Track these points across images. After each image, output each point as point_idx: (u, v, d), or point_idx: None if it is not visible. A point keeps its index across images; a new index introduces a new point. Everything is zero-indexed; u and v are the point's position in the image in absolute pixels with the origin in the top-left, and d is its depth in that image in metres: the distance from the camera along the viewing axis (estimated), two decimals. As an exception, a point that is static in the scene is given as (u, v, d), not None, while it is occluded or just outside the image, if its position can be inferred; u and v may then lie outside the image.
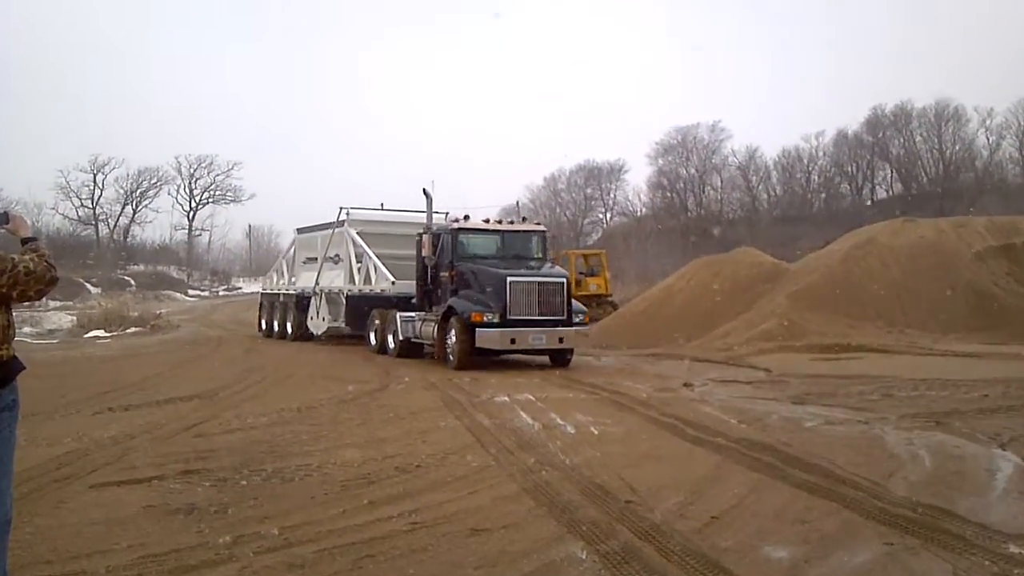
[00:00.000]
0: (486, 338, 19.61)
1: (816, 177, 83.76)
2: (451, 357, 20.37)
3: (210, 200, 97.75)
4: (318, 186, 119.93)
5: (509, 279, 19.83)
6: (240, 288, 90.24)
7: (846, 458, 10.25)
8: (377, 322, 24.33)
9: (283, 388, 17.93)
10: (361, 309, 25.47)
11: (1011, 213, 36.12)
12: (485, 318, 19.65)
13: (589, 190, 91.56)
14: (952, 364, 19.58)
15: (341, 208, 27.44)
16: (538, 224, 23.00)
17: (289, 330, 30.26)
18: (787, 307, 25.58)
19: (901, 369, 18.45)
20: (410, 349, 22.66)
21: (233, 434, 12.44)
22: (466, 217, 21.92)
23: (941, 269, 27.09)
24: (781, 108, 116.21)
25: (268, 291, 33.61)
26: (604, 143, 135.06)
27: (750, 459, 10.33)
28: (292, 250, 32.43)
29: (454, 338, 20.24)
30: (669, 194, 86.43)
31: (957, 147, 76.85)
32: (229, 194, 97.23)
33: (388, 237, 26.18)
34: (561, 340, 20.00)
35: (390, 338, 23.40)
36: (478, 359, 20.34)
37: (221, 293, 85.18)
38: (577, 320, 20.35)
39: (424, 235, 21.91)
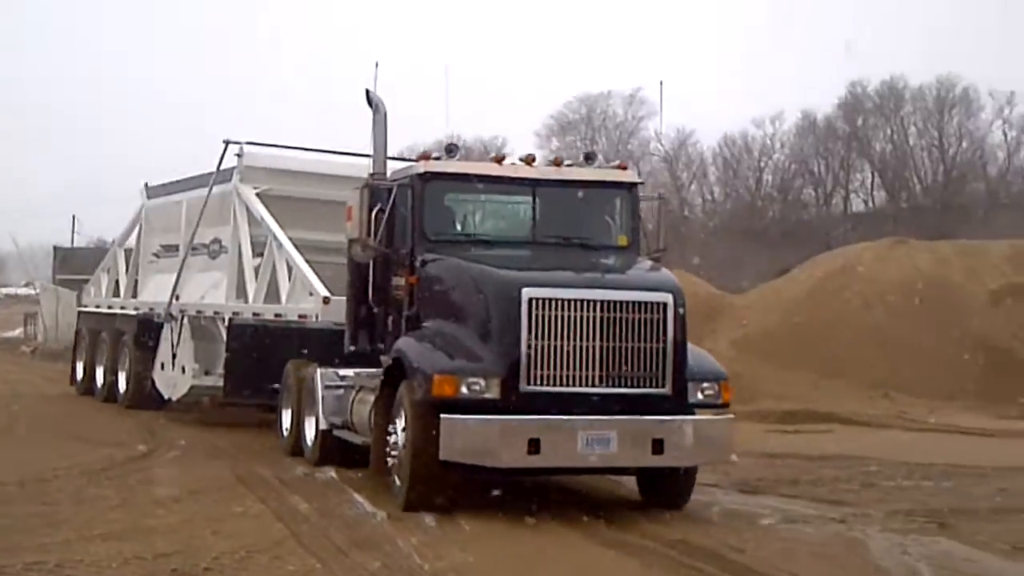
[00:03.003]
0: (463, 439, 12.60)
1: (770, 177, 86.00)
2: (396, 479, 13.53)
3: None
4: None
5: (527, 293, 12.87)
6: None
7: (817, 570, 10.58)
8: (293, 387, 17.66)
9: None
10: (257, 353, 19.11)
11: (1036, 237, 37.56)
12: (464, 388, 12.73)
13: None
14: (957, 444, 20.39)
15: (227, 144, 21.22)
16: (619, 167, 16.18)
17: (122, 385, 24.19)
18: (730, 358, 26.15)
19: (887, 449, 19.11)
20: (342, 451, 16.18)
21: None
22: (449, 150, 15.12)
23: (943, 313, 28.21)
24: (726, 78, 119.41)
25: (89, 309, 28.02)
26: (475, 114, 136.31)
27: (685, 569, 10.54)
28: (138, 230, 26.25)
29: (401, 434, 13.44)
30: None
31: (964, 144, 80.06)
32: None
33: (318, 207, 19.97)
34: (659, 446, 12.90)
35: (308, 423, 17.00)
36: (464, 486, 13.38)
37: None
38: (703, 396, 13.55)
39: (361, 190, 15.06)
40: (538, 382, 12.73)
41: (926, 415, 24.21)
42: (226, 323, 20.21)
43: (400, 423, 13.39)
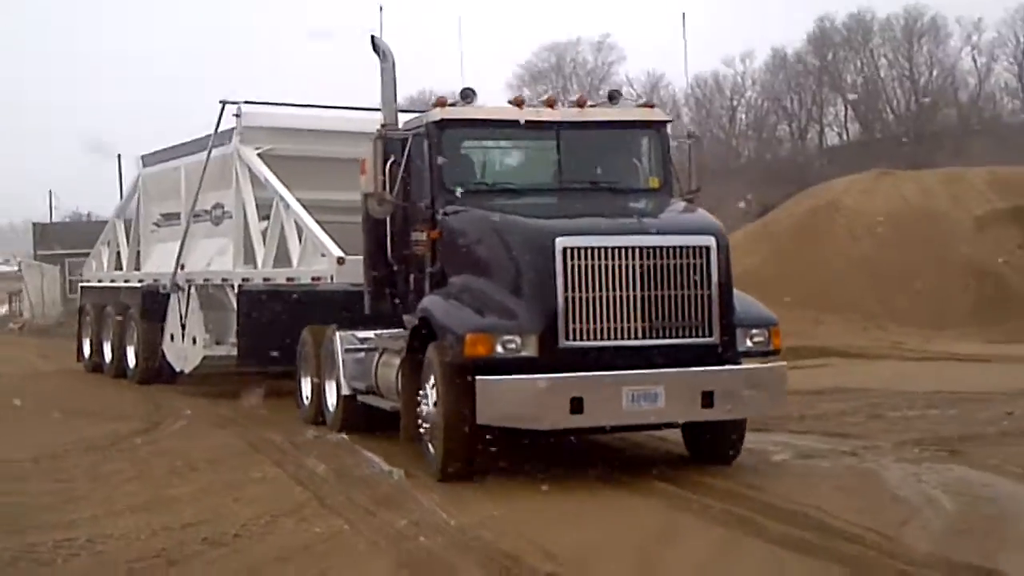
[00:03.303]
0: (501, 401, 11.82)
1: (744, 115, 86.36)
2: (429, 446, 12.71)
3: None
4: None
5: (561, 243, 12.01)
6: None
7: (837, 503, 10.65)
8: (311, 353, 16.96)
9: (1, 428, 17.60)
10: (271, 319, 18.27)
11: (1007, 161, 37.88)
12: (499, 347, 11.90)
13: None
14: (954, 371, 20.59)
15: (224, 104, 20.46)
16: (646, 106, 15.46)
17: (132, 360, 23.54)
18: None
19: (886, 379, 19.29)
20: (367, 418, 15.43)
21: (-58, 499, 12.17)
22: (466, 95, 14.08)
23: (931, 242, 28.52)
24: (695, 20, 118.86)
25: (92, 283, 27.38)
26: (443, 65, 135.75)
27: (709, 509, 10.65)
28: (136, 200, 25.60)
29: (432, 399, 12.56)
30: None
31: (934, 73, 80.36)
32: None
33: (323, 165, 19.50)
34: (709, 399, 12.03)
35: (329, 389, 16.29)
36: (497, 450, 12.59)
37: None
38: (752, 343, 12.69)
39: (374, 142, 14.09)
40: (577, 337, 11.82)
41: (921, 344, 24.48)
42: (235, 290, 19.40)
43: (430, 387, 12.48)
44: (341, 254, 16.78)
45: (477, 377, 11.69)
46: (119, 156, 23.78)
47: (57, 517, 11.08)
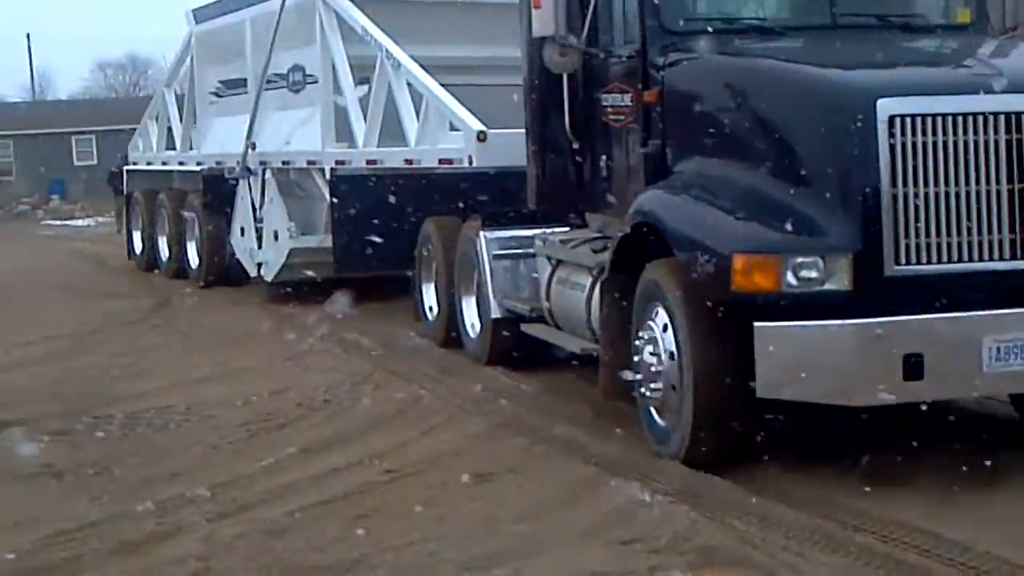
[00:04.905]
0: (796, 359, 7.53)
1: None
2: (656, 415, 8.55)
3: None
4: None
5: (886, 107, 7.57)
6: None
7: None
8: (437, 254, 13.21)
9: (12, 308, 17.93)
10: (376, 214, 14.24)
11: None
12: (792, 275, 7.55)
13: None
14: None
15: None
16: None
17: (193, 260, 19.94)
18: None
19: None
20: (526, 348, 11.65)
21: (8, 372, 12.59)
22: None
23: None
24: None
25: (140, 167, 23.78)
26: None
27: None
28: (188, 64, 21.54)
29: (665, 346, 8.31)
30: None
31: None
32: None
33: (441, 13, 15.97)
34: None
35: (466, 305, 12.65)
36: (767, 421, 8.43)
37: None
38: None
39: None
40: (913, 259, 7.54)
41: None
42: (328, 176, 15.57)
43: (659, 329, 8.32)
44: (481, 128, 13.00)
45: (757, 324, 7.55)
46: (28, 35, 21.36)
47: (135, 388, 11.53)
